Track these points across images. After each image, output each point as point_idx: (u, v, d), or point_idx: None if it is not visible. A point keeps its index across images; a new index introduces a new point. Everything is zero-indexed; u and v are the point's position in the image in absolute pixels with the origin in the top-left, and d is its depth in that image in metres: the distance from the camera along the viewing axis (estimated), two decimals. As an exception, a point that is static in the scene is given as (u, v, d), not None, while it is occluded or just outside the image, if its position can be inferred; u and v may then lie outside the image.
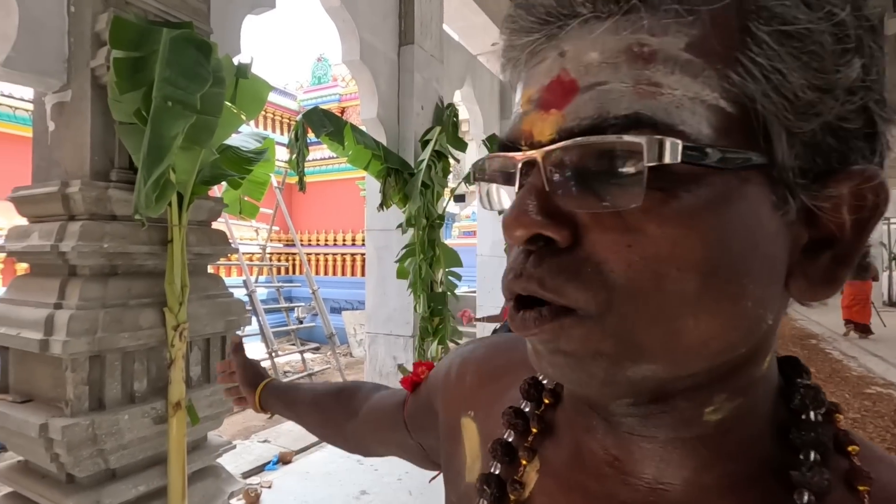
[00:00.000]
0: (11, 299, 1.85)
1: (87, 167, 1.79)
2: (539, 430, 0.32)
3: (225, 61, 1.92)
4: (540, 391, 0.34)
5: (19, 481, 1.80)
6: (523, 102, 0.26)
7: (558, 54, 0.25)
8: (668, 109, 0.22)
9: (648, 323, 0.23)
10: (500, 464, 0.32)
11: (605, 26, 0.23)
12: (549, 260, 0.24)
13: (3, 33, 1.77)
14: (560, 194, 0.24)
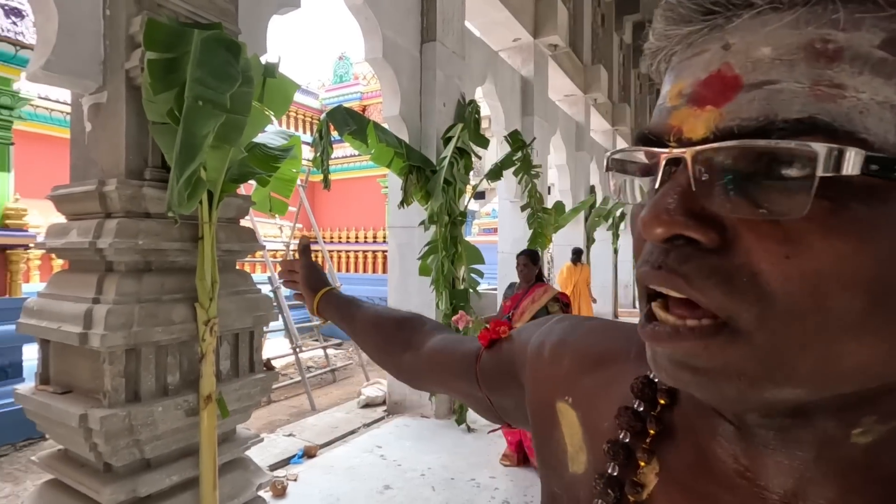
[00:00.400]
0: (52, 294, 1.92)
1: (123, 166, 1.84)
2: (656, 431, 0.31)
3: (253, 61, 1.95)
4: (654, 391, 0.32)
5: (60, 469, 1.87)
6: (672, 96, 0.25)
7: (721, 47, 0.23)
8: (851, 115, 0.20)
9: (803, 344, 0.21)
10: (618, 465, 0.31)
11: (785, 20, 0.21)
12: (697, 259, 0.23)
13: (43, 38, 1.83)
14: (709, 196, 0.22)
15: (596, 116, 9.81)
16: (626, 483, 0.30)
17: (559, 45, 6.67)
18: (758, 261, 0.21)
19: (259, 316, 2.15)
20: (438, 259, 3.52)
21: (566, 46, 6.94)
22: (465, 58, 4.59)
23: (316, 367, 6.06)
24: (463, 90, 4.48)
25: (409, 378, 0.64)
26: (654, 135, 0.25)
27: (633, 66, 12.82)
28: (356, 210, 8.93)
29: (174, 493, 1.85)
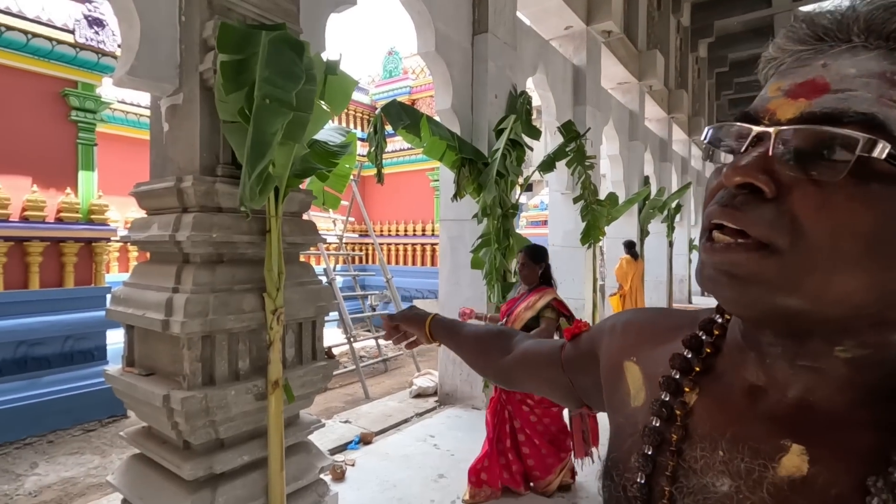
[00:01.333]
0: (136, 283, 2.08)
1: (197, 163, 1.96)
2: (700, 369, 0.42)
3: (315, 59, 2.01)
4: (701, 343, 0.43)
5: (144, 444, 2.02)
6: (773, 90, 0.34)
7: (821, 65, 0.32)
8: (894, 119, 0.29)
9: (814, 267, 0.31)
10: (668, 392, 0.42)
11: (871, 55, 0.31)
12: (755, 203, 0.32)
13: (127, 45, 1.97)
14: (779, 160, 0.31)
15: (651, 104, 9.42)
16: (675, 403, 0.41)
17: (613, 32, 6.44)
18: (800, 208, 0.31)
19: (321, 306, 2.23)
20: (491, 252, 3.51)
21: (620, 32, 6.69)
22: (516, 48, 4.53)
23: (368, 356, 6.22)
24: (514, 81, 4.42)
25: (505, 378, 0.75)
26: (752, 114, 0.34)
27: (690, 50, 12.17)
28: (406, 203, 9.05)
29: (245, 471, 1.96)
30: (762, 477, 0.34)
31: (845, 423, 0.34)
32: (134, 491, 1.98)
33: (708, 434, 0.38)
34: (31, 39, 3.68)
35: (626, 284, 6.74)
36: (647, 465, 0.40)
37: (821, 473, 0.33)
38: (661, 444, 0.40)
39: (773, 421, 0.36)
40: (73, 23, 3.80)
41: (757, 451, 0.35)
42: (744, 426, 0.37)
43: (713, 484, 0.36)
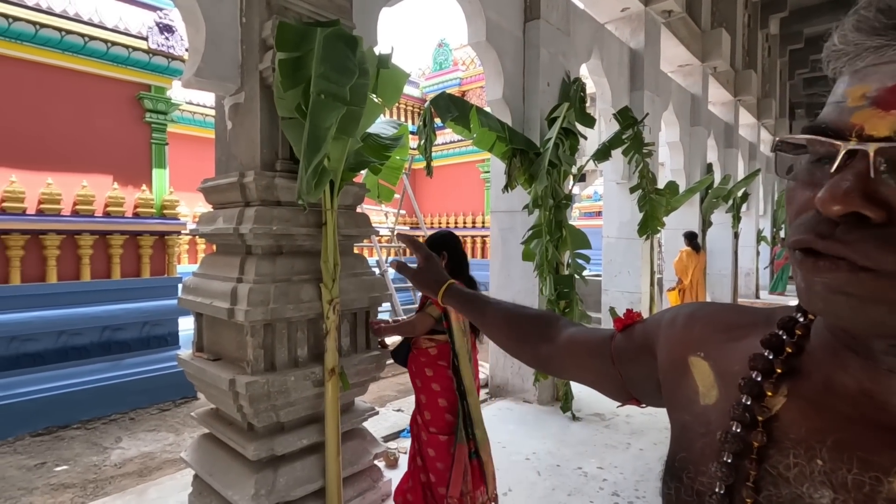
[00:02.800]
0: (204, 274, 2.20)
1: (258, 159, 2.04)
2: (783, 370, 0.39)
3: (368, 54, 2.03)
4: (782, 343, 0.40)
5: (213, 425, 2.15)
6: (856, 97, 0.30)
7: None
8: None
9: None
10: (750, 395, 0.39)
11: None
12: (859, 232, 0.29)
13: (194, 48, 2.07)
14: (883, 183, 0.28)
15: (715, 87, 8.86)
16: (755, 406, 0.38)
17: (674, 11, 6.10)
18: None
19: (374, 297, 2.27)
20: (542, 244, 3.44)
21: (682, 11, 6.33)
22: (569, 34, 4.39)
23: (419, 347, 6.30)
24: (567, 68, 4.29)
25: (545, 366, 0.71)
26: (831, 128, 0.30)
27: (760, 27, 11.32)
28: (456, 195, 9.06)
29: (304, 454, 2.05)
30: (875, 492, 0.31)
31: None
32: (204, 468, 2.12)
33: (804, 440, 0.36)
34: (111, 48, 3.97)
35: (687, 278, 6.40)
36: (729, 474, 0.37)
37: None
38: (742, 451, 0.38)
39: (885, 431, 0.33)
40: (146, 30, 4.07)
41: (868, 463, 0.32)
42: (851, 434, 0.34)
43: (810, 495, 0.33)
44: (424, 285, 0.85)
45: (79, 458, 3.20)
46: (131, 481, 2.86)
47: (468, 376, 2.11)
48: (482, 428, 2.12)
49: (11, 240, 3.63)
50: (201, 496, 2.15)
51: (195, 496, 2.19)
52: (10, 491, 2.77)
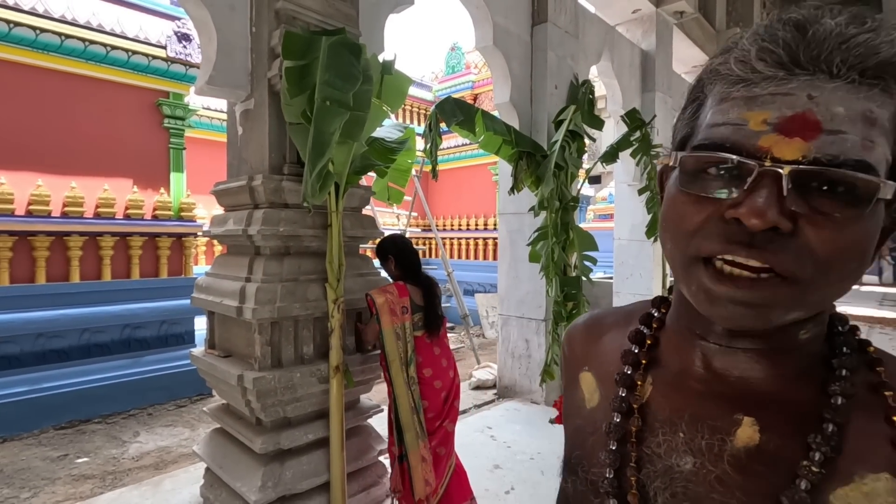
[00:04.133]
0: (216, 273, 2.29)
1: (267, 163, 2.12)
2: (647, 361, 0.46)
3: (372, 60, 2.09)
4: (644, 337, 0.47)
5: (224, 420, 2.23)
6: (757, 122, 0.34)
7: (807, 96, 0.32)
8: (877, 160, 0.32)
9: (826, 287, 0.34)
10: (625, 387, 0.45)
11: (854, 91, 0.32)
12: (777, 241, 0.33)
13: (207, 57, 2.16)
14: (792, 200, 0.33)
15: (731, 87, 8.75)
16: (630, 396, 0.44)
17: (686, 12, 6.06)
18: (815, 241, 0.33)
19: (379, 297, 2.33)
20: (548, 245, 3.46)
21: (695, 12, 6.28)
22: (578, 37, 4.40)
23: (430, 348, 6.35)
24: (576, 70, 4.31)
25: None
26: (739, 147, 0.34)
27: None
28: (468, 198, 9.11)
29: (310, 449, 2.11)
30: (722, 450, 0.38)
31: (785, 393, 0.38)
32: (215, 461, 2.20)
33: (668, 419, 0.42)
34: (132, 56, 4.12)
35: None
36: (616, 459, 0.42)
37: (771, 440, 0.37)
38: (624, 437, 0.43)
39: (725, 399, 0.40)
40: (164, 39, 4.22)
41: (714, 428, 0.39)
42: (700, 407, 0.40)
43: (677, 464, 0.39)
44: None
45: (99, 451, 3.33)
46: (148, 474, 2.97)
47: (399, 380, 2.07)
48: (412, 433, 2.06)
49: (37, 241, 3.79)
50: (212, 488, 2.23)
51: (206, 488, 2.27)
52: (34, 481, 2.90)
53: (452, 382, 2.23)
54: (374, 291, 2.12)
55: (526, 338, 4.14)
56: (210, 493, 2.23)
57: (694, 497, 0.38)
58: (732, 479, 0.37)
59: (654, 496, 0.40)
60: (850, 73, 0.32)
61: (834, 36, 0.32)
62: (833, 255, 0.33)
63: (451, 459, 2.24)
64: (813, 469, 0.34)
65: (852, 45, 0.32)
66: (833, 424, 0.35)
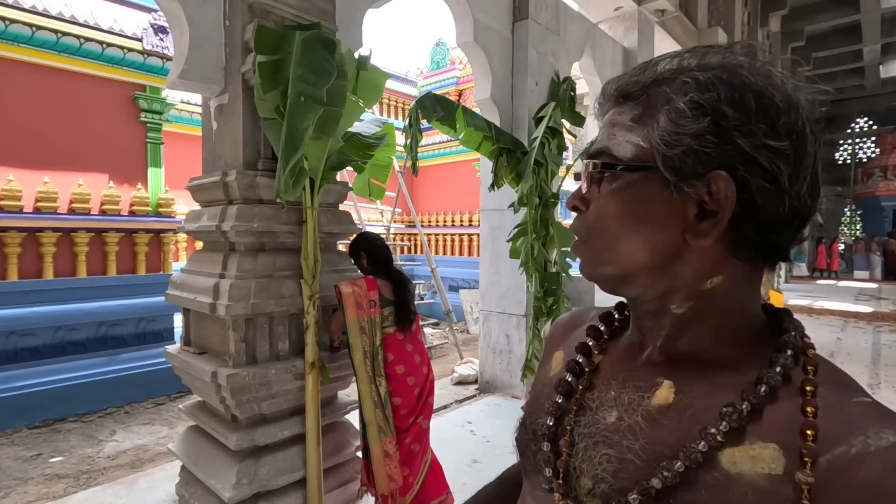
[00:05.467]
0: (190, 270, 2.27)
1: (241, 158, 2.10)
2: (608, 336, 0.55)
3: (347, 56, 2.08)
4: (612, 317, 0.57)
5: (199, 417, 2.22)
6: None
7: (607, 112, 0.49)
8: (614, 145, 0.46)
9: (600, 244, 0.47)
10: (581, 354, 0.54)
11: (612, 109, 0.48)
12: (580, 216, 0.50)
13: (179, 50, 2.13)
14: (585, 184, 0.49)
15: (712, 85, 8.85)
16: (585, 361, 0.53)
17: (667, 10, 6.12)
18: (589, 211, 0.48)
19: (356, 293, 2.32)
20: (528, 241, 3.49)
21: (676, 10, 6.35)
22: (559, 33, 4.42)
23: (414, 344, 6.35)
24: (557, 67, 4.33)
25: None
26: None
27: (760, 25, 11.30)
28: (453, 194, 9.10)
29: (286, 445, 2.11)
30: (639, 405, 0.45)
31: (702, 364, 0.45)
32: (190, 458, 2.18)
33: (606, 380, 0.50)
34: (106, 49, 4.04)
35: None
36: (557, 409, 0.50)
37: (681, 401, 0.43)
38: (569, 393, 0.51)
39: (653, 365, 0.47)
40: (140, 31, 4.13)
41: (638, 388, 0.46)
42: (632, 371, 0.48)
43: (604, 418, 0.47)
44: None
45: (74, 450, 3.28)
46: (124, 472, 2.93)
47: (362, 376, 2.06)
48: (374, 427, 2.06)
49: (9, 237, 3.71)
50: (187, 486, 2.22)
51: (182, 486, 2.26)
52: (5, 481, 2.85)
53: (426, 378, 2.23)
54: (341, 283, 2.10)
55: (507, 333, 4.17)
56: (185, 491, 2.21)
57: (609, 443, 0.45)
58: (642, 430, 0.43)
59: (579, 441, 0.47)
60: (612, 100, 0.49)
61: (609, 82, 0.49)
62: (593, 219, 0.47)
63: (427, 455, 2.25)
64: (718, 438, 0.39)
65: (609, 84, 0.49)
66: (750, 405, 0.39)
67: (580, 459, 0.46)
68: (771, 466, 0.37)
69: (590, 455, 0.45)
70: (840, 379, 0.42)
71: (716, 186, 0.41)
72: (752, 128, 0.40)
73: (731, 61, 0.43)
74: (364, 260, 2.28)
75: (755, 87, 0.41)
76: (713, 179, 0.41)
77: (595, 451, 0.45)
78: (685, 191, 0.42)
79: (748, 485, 0.37)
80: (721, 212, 0.41)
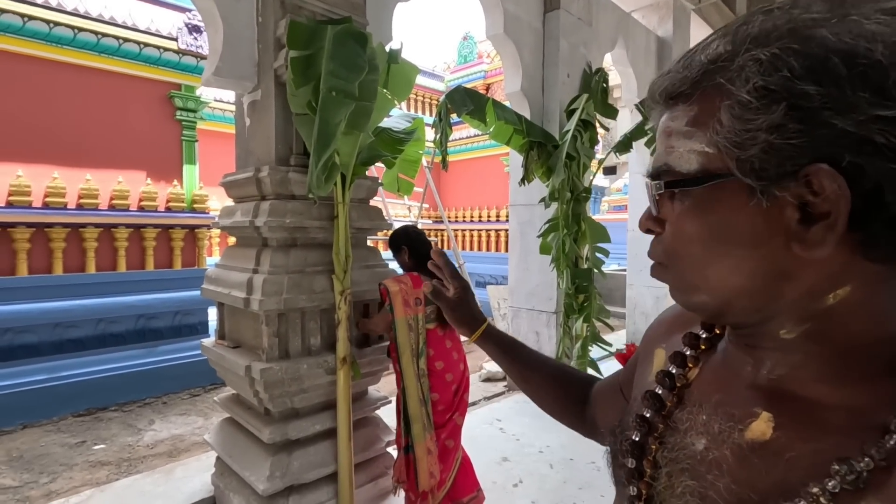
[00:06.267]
0: (225, 265, 2.30)
1: (273, 154, 2.11)
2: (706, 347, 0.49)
3: (378, 49, 2.06)
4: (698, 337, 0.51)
5: (233, 409, 2.26)
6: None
7: (660, 118, 0.43)
8: (675, 160, 0.40)
9: (687, 270, 0.41)
10: (675, 364, 0.49)
11: (660, 116, 0.43)
12: (657, 239, 0.45)
13: (213, 48, 2.15)
14: (662, 206, 0.43)
15: (751, 74, 8.50)
16: (677, 374, 0.48)
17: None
18: (665, 235, 0.43)
19: (386, 289, 2.32)
20: (559, 237, 3.42)
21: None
22: (591, 24, 4.31)
23: (441, 340, 6.35)
24: (589, 59, 4.22)
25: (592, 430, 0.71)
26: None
27: None
28: (480, 189, 9.04)
29: (317, 439, 2.12)
30: (730, 437, 0.40)
31: (813, 398, 0.37)
32: (225, 449, 2.22)
33: (698, 400, 0.45)
34: (144, 49, 4.15)
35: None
36: (644, 425, 0.46)
37: (780, 438, 0.37)
38: (660, 408, 0.47)
39: (752, 391, 0.41)
40: (175, 31, 4.23)
41: (732, 416, 0.41)
42: (727, 394, 0.43)
43: (692, 443, 0.42)
44: (459, 321, 0.78)
45: (115, 438, 3.40)
46: (161, 461, 3.03)
47: (409, 371, 2.05)
48: (420, 425, 2.05)
49: (54, 233, 3.86)
50: (222, 476, 2.26)
51: (217, 476, 2.31)
52: (52, 466, 2.97)
53: (463, 375, 2.22)
54: (387, 280, 2.09)
55: (536, 330, 4.11)
56: (220, 482, 2.26)
57: (694, 474, 0.40)
58: (729, 465, 0.38)
59: (663, 464, 0.43)
60: (659, 101, 0.42)
61: (655, 81, 0.43)
62: (671, 242, 0.42)
63: (459, 452, 2.23)
64: (821, 500, 0.32)
65: (654, 85, 0.42)
66: (872, 462, 0.31)
67: (662, 485, 0.43)
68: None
69: (672, 483, 0.42)
70: None
71: (818, 184, 0.33)
72: (849, 100, 0.31)
73: (799, 21, 0.34)
74: (406, 255, 2.25)
75: (841, 46, 0.31)
76: (812, 176, 0.33)
77: (678, 481, 0.41)
78: (777, 195, 0.35)
79: None
80: (833, 212, 0.33)
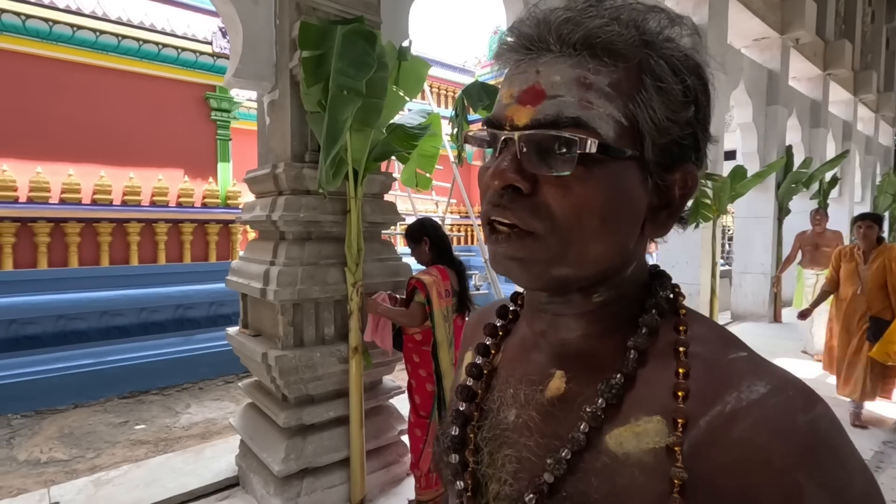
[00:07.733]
0: (247, 257, 2.42)
1: (289, 151, 2.20)
2: (504, 332, 0.51)
3: (388, 47, 2.11)
4: (507, 311, 0.53)
5: (254, 395, 2.37)
6: (507, 97, 0.39)
7: (535, 71, 0.37)
8: (594, 119, 0.36)
9: (571, 242, 0.37)
10: (480, 355, 0.50)
11: (567, 62, 0.37)
12: (519, 201, 0.37)
13: (234, 50, 2.26)
14: (526, 161, 0.37)
15: (798, 61, 8.04)
16: (483, 363, 0.49)
17: (743, -20, 5.63)
18: (550, 198, 0.37)
19: (399, 281, 2.38)
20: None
21: (754, -20, 5.82)
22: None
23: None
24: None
25: None
26: (496, 120, 0.39)
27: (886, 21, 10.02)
28: (509, 184, 9.00)
29: (331, 426, 2.21)
30: (534, 399, 0.42)
31: (594, 350, 0.42)
32: (247, 432, 2.35)
33: (506, 380, 0.46)
34: (181, 53, 4.37)
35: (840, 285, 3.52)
36: (459, 417, 0.47)
37: (572, 389, 0.41)
38: (472, 398, 0.48)
39: (546, 357, 0.44)
40: (210, 35, 4.43)
41: (532, 381, 0.43)
42: (527, 366, 0.45)
43: (505, 417, 0.44)
44: None
45: (154, 420, 3.63)
46: (195, 442, 3.21)
47: (446, 361, 2.08)
48: None
49: (101, 227, 4.14)
50: (245, 458, 2.39)
51: (240, 457, 2.44)
52: (97, 443, 3.21)
53: None
54: (419, 274, 2.10)
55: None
56: (243, 463, 2.39)
57: (510, 443, 0.42)
58: (536, 423, 0.41)
59: (484, 446, 0.44)
60: (565, 47, 0.36)
61: (557, 20, 0.37)
62: (564, 211, 0.36)
63: None
64: (596, 413, 0.37)
65: (567, 24, 0.36)
66: (621, 374, 0.38)
67: (486, 465, 0.43)
68: (655, 440, 0.35)
69: (494, 459, 0.43)
70: (719, 336, 0.40)
71: (691, 182, 0.39)
72: (707, 122, 0.39)
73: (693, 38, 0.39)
74: (426, 246, 2.24)
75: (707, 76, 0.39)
76: (689, 174, 0.39)
77: (499, 454, 0.43)
78: (658, 184, 0.38)
79: (635, 464, 0.35)
80: (680, 202, 0.40)
